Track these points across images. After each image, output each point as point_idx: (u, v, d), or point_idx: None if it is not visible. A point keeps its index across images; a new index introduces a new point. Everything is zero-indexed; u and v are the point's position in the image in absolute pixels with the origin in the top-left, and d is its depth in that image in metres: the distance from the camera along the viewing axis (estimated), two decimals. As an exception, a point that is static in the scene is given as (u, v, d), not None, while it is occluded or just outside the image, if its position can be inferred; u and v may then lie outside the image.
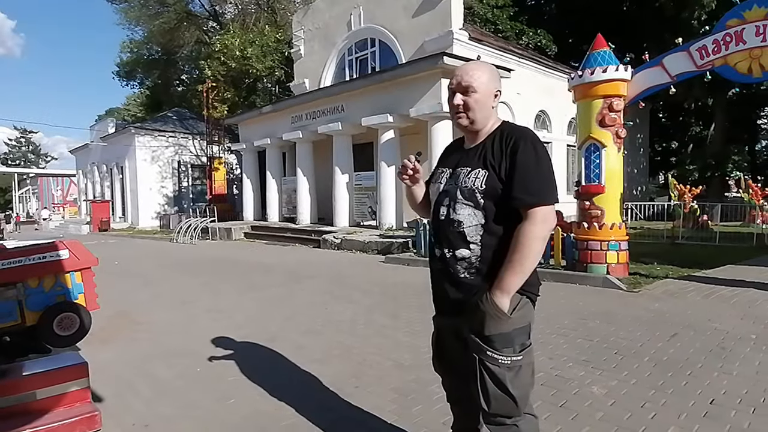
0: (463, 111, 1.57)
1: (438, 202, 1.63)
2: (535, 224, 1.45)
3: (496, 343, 1.50)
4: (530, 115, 15.37)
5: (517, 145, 1.50)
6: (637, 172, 21.01)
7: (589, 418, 2.55)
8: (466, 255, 1.54)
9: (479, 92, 1.55)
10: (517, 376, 1.51)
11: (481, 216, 1.52)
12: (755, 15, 5.44)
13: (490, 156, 1.53)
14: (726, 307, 4.84)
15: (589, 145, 6.32)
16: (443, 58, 10.20)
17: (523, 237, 1.46)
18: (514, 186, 1.47)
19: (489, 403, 1.51)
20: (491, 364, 1.49)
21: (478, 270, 1.53)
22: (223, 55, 18.98)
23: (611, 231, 6.19)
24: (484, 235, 1.52)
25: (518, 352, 1.52)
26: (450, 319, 1.66)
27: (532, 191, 1.46)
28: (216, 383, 3.19)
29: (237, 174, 21.73)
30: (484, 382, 1.50)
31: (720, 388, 2.87)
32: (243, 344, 4.01)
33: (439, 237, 1.61)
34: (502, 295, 1.47)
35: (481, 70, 1.58)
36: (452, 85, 1.59)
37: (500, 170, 1.50)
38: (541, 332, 4.12)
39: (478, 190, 1.52)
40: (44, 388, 2.39)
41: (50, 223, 25.28)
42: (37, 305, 3.45)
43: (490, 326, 1.50)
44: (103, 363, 3.53)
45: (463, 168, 1.59)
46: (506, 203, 1.49)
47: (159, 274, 8.24)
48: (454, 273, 1.56)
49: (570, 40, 22.68)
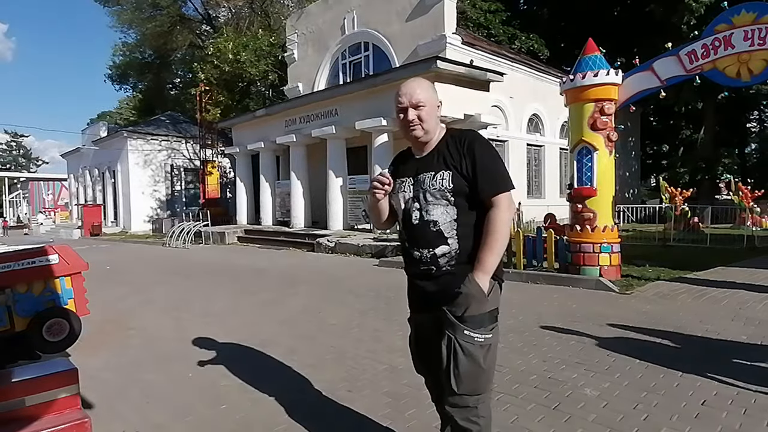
0: (418, 123, 1.73)
1: (407, 210, 1.76)
2: (502, 209, 1.66)
3: (472, 323, 1.63)
4: (523, 119, 15.48)
5: (473, 146, 1.70)
6: (629, 175, 21.20)
7: (582, 420, 2.56)
8: (446, 251, 1.69)
9: (428, 105, 1.73)
10: (488, 354, 1.66)
11: (454, 212, 1.69)
12: (743, 20, 5.52)
13: (449, 158, 1.71)
14: (717, 308, 4.88)
15: (581, 148, 6.37)
16: (436, 62, 10.24)
17: (494, 222, 1.65)
18: (479, 180, 1.66)
19: (459, 383, 1.62)
20: (466, 342, 1.62)
21: (458, 261, 1.69)
22: (217, 58, 18.95)
23: (603, 233, 6.23)
24: (459, 228, 1.69)
25: (489, 330, 1.66)
26: (430, 312, 1.73)
27: (495, 183, 1.67)
28: (208, 389, 3.16)
29: (230, 178, 21.63)
30: (457, 361, 1.61)
31: (711, 390, 2.89)
32: (235, 349, 3.99)
33: (416, 239, 1.73)
34: (483, 275, 1.63)
35: (423, 87, 1.76)
36: (402, 104, 1.74)
37: (462, 169, 1.68)
38: (534, 334, 4.14)
39: (447, 189, 1.68)
40: (33, 394, 2.35)
41: (41, 227, 25.01)
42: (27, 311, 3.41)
43: (470, 308, 1.63)
44: (93, 369, 3.49)
45: (426, 173, 1.74)
46: (473, 196, 1.68)
47: (151, 279, 8.18)
48: (436, 270, 1.70)
49: (562, 44, 22.89)
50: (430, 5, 13.04)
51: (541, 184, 16.48)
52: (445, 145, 1.76)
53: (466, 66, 11.17)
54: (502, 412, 2.69)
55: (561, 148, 16.48)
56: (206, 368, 3.55)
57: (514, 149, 15.05)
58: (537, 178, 16.42)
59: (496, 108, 13.70)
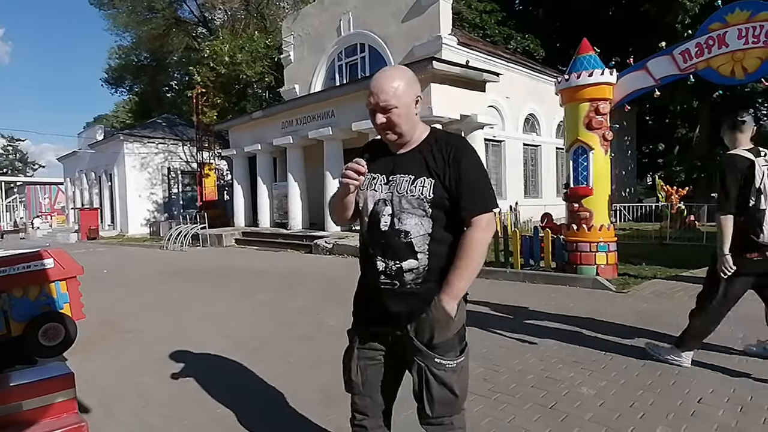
0: (388, 128, 1.52)
1: (376, 212, 1.55)
2: (481, 231, 1.49)
3: (442, 348, 1.52)
4: (519, 119, 15.52)
5: (460, 155, 1.51)
6: (625, 174, 21.26)
7: (579, 419, 2.57)
8: (413, 266, 1.50)
9: (400, 107, 1.50)
10: (460, 377, 1.56)
11: (429, 225, 1.50)
12: (737, 18, 5.54)
13: (432, 164, 1.51)
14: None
15: (576, 147, 6.39)
16: (432, 63, 10.26)
17: (470, 243, 1.48)
18: (462, 196, 1.48)
19: (434, 409, 1.54)
20: (438, 370, 1.51)
21: (425, 279, 1.51)
22: (213, 60, 18.93)
23: (600, 232, 6.24)
24: (431, 244, 1.50)
25: (460, 353, 1.56)
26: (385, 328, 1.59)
27: (478, 200, 1.50)
28: (205, 392, 3.15)
29: (227, 180, 21.60)
30: (430, 389, 1.52)
31: (708, 387, 2.91)
32: (233, 351, 3.98)
33: (383, 248, 1.52)
34: (451, 301, 1.48)
35: (395, 82, 1.50)
36: (370, 105, 1.52)
37: (445, 179, 1.49)
38: (531, 334, 4.15)
39: (426, 199, 1.49)
40: (30, 399, 2.35)
41: (38, 231, 24.92)
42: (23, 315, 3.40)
43: (437, 334, 1.50)
44: (89, 373, 3.48)
45: (404, 175, 1.53)
46: (452, 211, 1.50)
47: (148, 282, 8.16)
48: (400, 285, 1.51)
49: (557, 44, 22.96)
50: (425, 6, 13.06)
51: (537, 184, 16.52)
52: (428, 147, 1.55)
53: (462, 66, 11.19)
54: (500, 411, 2.70)
55: (557, 148, 16.52)
56: (203, 371, 3.54)
57: (511, 149, 15.08)
58: (534, 178, 16.45)
59: (492, 108, 13.73)
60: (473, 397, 2.89)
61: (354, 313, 1.72)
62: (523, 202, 14.05)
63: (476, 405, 2.78)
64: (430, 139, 1.58)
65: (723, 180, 2.90)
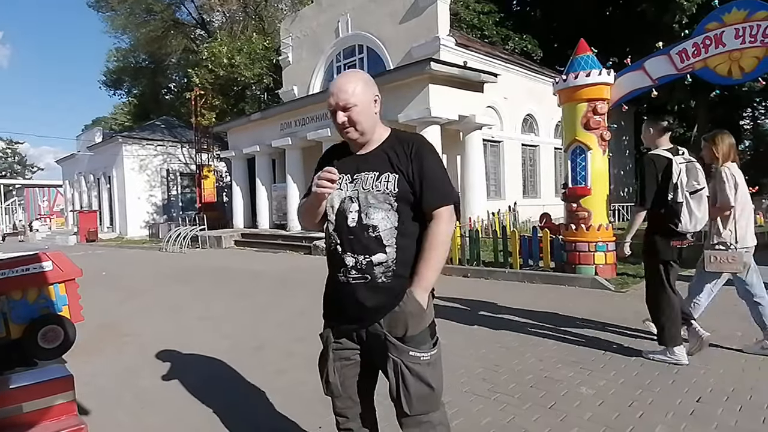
0: (349, 126, 1.59)
1: (343, 209, 1.59)
2: (444, 223, 1.55)
3: (416, 341, 1.54)
4: (517, 119, 15.53)
5: (422, 152, 1.58)
6: (623, 174, 21.30)
7: (578, 419, 2.57)
8: (383, 259, 1.54)
9: (359, 105, 1.56)
10: (435, 370, 1.57)
11: (395, 219, 1.55)
12: (734, 18, 5.55)
13: (395, 160, 1.58)
14: (712, 304, 4.88)
15: (574, 147, 6.40)
16: (430, 63, 10.27)
17: (435, 235, 1.54)
18: (424, 190, 1.54)
19: (411, 406, 1.54)
20: (413, 363, 1.53)
21: (395, 272, 1.55)
22: (211, 62, 18.94)
23: (598, 232, 6.25)
24: (398, 237, 1.55)
25: (433, 346, 1.58)
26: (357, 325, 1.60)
27: (439, 194, 1.56)
28: (204, 394, 3.15)
29: (226, 182, 21.59)
30: (406, 384, 1.52)
31: (707, 387, 2.91)
32: (232, 353, 3.98)
33: (351, 244, 1.56)
34: (422, 292, 1.53)
35: (354, 83, 1.58)
36: (331, 106, 1.59)
37: (408, 174, 1.56)
38: (530, 334, 4.15)
39: (391, 194, 1.55)
40: (30, 401, 2.35)
41: (37, 234, 24.87)
42: (22, 318, 3.38)
43: (411, 326, 1.53)
44: (89, 375, 3.48)
45: (368, 173, 1.59)
46: (416, 205, 1.56)
47: (147, 284, 8.15)
48: (371, 279, 1.54)
49: (555, 44, 22.99)
50: (423, 7, 13.09)
51: (536, 184, 16.54)
52: (391, 145, 1.61)
53: (460, 67, 11.21)
54: (499, 411, 2.70)
55: (555, 148, 16.54)
56: (203, 373, 3.54)
57: (509, 149, 15.09)
58: (532, 178, 16.47)
59: (490, 109, 13.74)
60: (473, 397, 2.89)
61: (324, 315, 1.72)
62: (521, 203, 14.07)
63: (476, 405, 2.78)
64: (392, 138, 1.65)
65: (643, 178, 3.24)
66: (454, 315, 4.86)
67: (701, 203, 3.15)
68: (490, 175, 14.15)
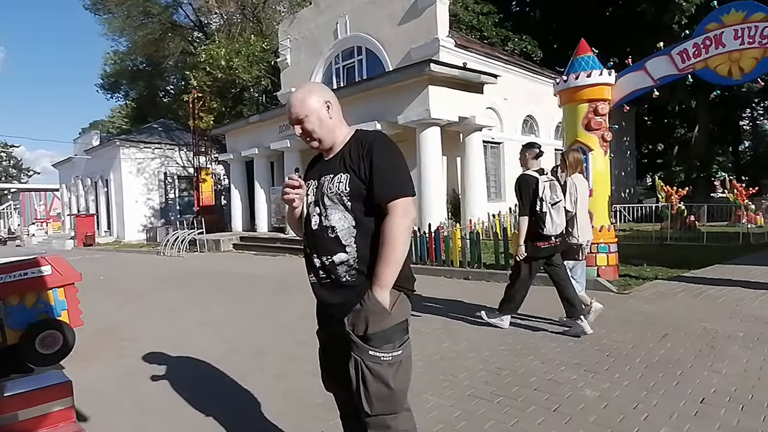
0: (306, 136, 1.68)
1: (309, 213, 1.68)
2: (398, 216, 1.54)
3: (377, 341, 1.55)
4: (518, 120, 15.53)
5: (372, 148, 1.60)
6: (625, 175, 21.29)
7: (583, 421, 2.54)
8: (344, 258, 1.59)
9: (311, 114, 1.64)
10: (398, 372, 1.57)
11: (351, 218, 1.59)
12: (733, 19, 5.56)
13: (349, 161, 1.63)
14: (714, 306, 4.89)
15: (576, 148, 6.37)
16: (430, 65, 10.26)
17: (389, 230, 1.54)
18: (374, 183, 1.56)
19: (372, 405, 1.55)
20: (373, 363, 1.54)
21: (358, 270, 1.59)
22: (209, 65, 18.90)
23: (600, 233, 6.22)
24: (357, 236, 1.59)
25: (398, 347, 1.58)
26: (334, 326, 1.65)
27: (390, 186, 1.56)
28: (205, 398, 3.12)
29: (225, 185, 21.55)
30: (366, 383, 1.54)
31: (710, 387, 2.90)
32: (233, 357, 3.95)
33: (316, 246, 1.64)
34: (381, 290, 1.54)
35: (302, 94, 1.66)
36: (288, 121, 1.70)
37: (360, 172, 1.59)
38: (533, 336, 4.13)
39: (344, 194, 1.59)
40: (26, 408, 2.31)
41: (33, 238, 24.79)
42: (19, 323, 3.36)
43: (372, 324, 1.54)
44: (87, 381, 3.44)
45: (326, 176, 1.66)
46: (371, 201, 1.58)
47: (146, 288, 8.11)
48: (336, 278, 1.61)
49: (555, 45, 23.03)
50: (422, 9, 13.08)
51: (536, 185, 16.51)
52: (348, 147, 1.67)
53: (459, 68, 11.19)
54: (503, 414, 2.67)
55: (556, 149, 16.53)
56: (203, 378, 3.51)
57: (510, 151, 15.04)
58: (532, 179, 16.45)
59: (490, 110, 13.72)
60: (476, 400, 2.86)
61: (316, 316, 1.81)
62: (521, 204, 14.03)
63: (479, 408, 2.76)
64: (352, 140, 1.69)
65: (521, 192, 4.05)
66: (456, 317, 4.83)
67: (560, 212, 4.02)
68: (490, 176, 14.13)
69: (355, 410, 1.66)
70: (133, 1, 23.58)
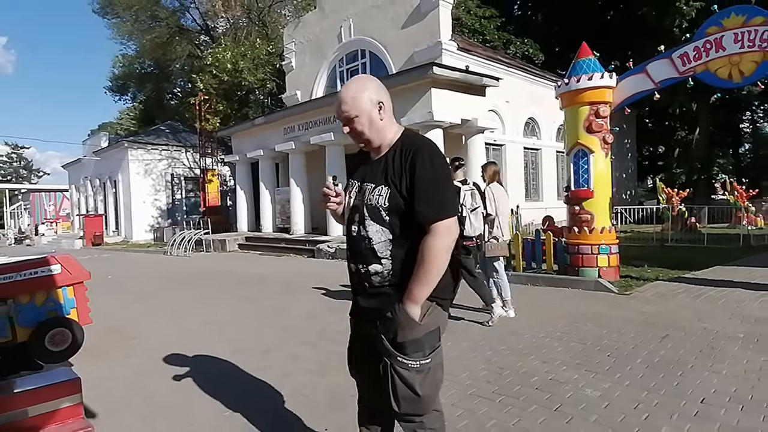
0: (354, 136, 1.63)
1: (350, 219, 1.67)
2: (439, 237, 1.50)
3: (407, 348, 1.55)
4: (519, 123, 15.56)
5: (415, 159, 1.53)
6: (626, 177, 21.25)
7: (584, 421, 2.58)
8: (378, 270, 1.58)
9: (361, 115, 1.59)
10: (426, 378, 1.57)
11: (389, 232, 1.56)
12: (733, 23, 5.59)
13: (391, 172, 1.57)
14: (715, 307, 4.90)
15: (577, 151, 6.41)
16: (433, 68, 10.31)
17: (428, 251, 1.49)
18: (415, 202, 1.51)
19: (399, 405, 1.57)
20: (401, 369, 1.55)
21: (391, 282, 1.58)
22: (215, 68, 19.03)
23: (601, 235, 6.26)
24: (393, 249, 1.56)
25: (427, 355, 1.57)
26: (363, 325, 1.69)
27: (432, 207, 1.50)
28: (212, 396, 3.17)
29: (230, 186, 21.66)
30: (394, 385, 1.56)
31: (710, 387, 2.92)
32: (239, 356, 4.00)
33: (354, 251, 1.65)
34: (411, 306, 1.52)
35: (355, 91, 1.60)
36: (337, 116, 1.65)
37: (401, 186, 1.54)
38: (534, 336, 4.16)
39: (382, 208, 1.55)
40: (36, 405, 2.36)
41: (42, 238, 24.99)
42: (29, 321, 3.41)
43: (402, 333, 1.55)
44: (96, 378, 3.50)
45: (369, 183, 1.62)
46: (411, 217, 1.53)
47: (153, 288, 8.18)
48: (369, 286, 1.61)
49: (556, 48, 23.05)
50: (425, 12, 13.15)
51: (538, 187, 16.54)
52: (393, 153, 1.61)
53: (462, 71, 11.24)
54: (504, 414, 2.71)
55: (558, 151, 16.55)
56: (209, 376, 3.56)
57: (511, 153, 15.11)
58: (534, 181, 16.47)
59: (492, 112, 13.77)
60: (478, 399, 2.90)
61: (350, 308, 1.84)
62: (524, 206, 14.02)
63: (481, 407, 2.79)
64: (397, 143, 1.63)
65: None
66: (458, 318, 4.86)
67: (477, 217, 4.59)
68: (492, 178, 14.14)
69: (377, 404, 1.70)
70: (141, 6, 23.79)
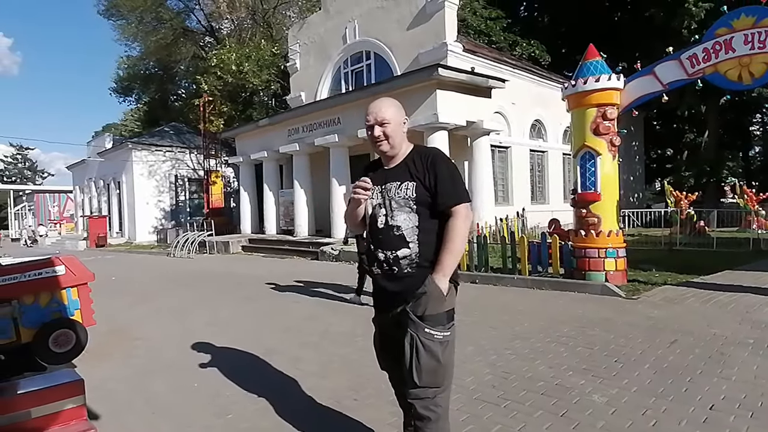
0: (383, 139, 1.93)
1: (375, 214, 1.96)
2: (460, 218, 1.86)
3: (431, 321, 1.80)
4: (525, 125, 15.50)
5: (436, 162, 1.91)
6: (633, 180, 21.13)
7: (590, 427, 2.54)
8: (407, 253, 1.87)
9: (392, 123, 1.92)
10: (446, 349, 1.82)
11: (416, 219, 1.88)
12: (743, 24, 5.53)
13: (414, 171, 1.91)
14: (724, 312, 4.84)
15: (584, 153, 6.36)
16: (438, 69, 10.29)
17: (453, 228, 1.84)
18: (439, 192, 1.86)
19: (420, 376, 1.78)
20: (427, 339, 1.78)
21: (419, 264, 1.87)
22: (220, 69, 19.09)
23: (608, 238, 6.20)
24: (419, 234, 1.87)
25: (447, 329, 1.83)
26: (392, 310, 1.90)
27: (453, 194, 1.87)
28: (214, 398, 3.16)
29: (234, 187, 21.73)
30: (418, 356, 1.78)
31: (719, 394, 2.87)
32: (241, 358, 3.98)
33: (381, 242, 1.92)
34: (443, 277, 1.82)
35: (388, 105, 1.95)
36: (369, 121, 1.94)
37: (425, 181, 1.88)
38: (540, 341, 4.11)
39: (411, 198, 1.88)
40: (39, 406, 2.35)
41: (46, 239, 25.15)
42: (33, 322, 3.42)
43: (429, 307, 1.80)
44: (99, 380, 3.49)
45: (393, 183, 1.93)
46: (433, 206, 1.87)
47: (156, 289, 8.19)
48: (398, 270, 1.88)
49: (563, 50, 22.98)
50: (430, 13, 13.14)
51: (544, 190, 16.46)
52: (411, 159, 1.95)
53: (467, 73, 11.21)
54: (510, 419, 2.67)
55: (564, 154, 16.46)
56: (212, 378, 3.54)
57: (517, 155, 15.05)
58: (540, 184, 16.40)
59: (498, 114, 13.72)
60: (483, 404, 2.87)
61: (373, 304, 2.09)
62: (530, 208, 13.99)
63: (486, 412, 2.76)
64: (413, 153, 1.98)
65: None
66: (462, 321, 4.82)
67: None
68: (498, 180, 14.10)
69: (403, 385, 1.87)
70: (145, 7, 23.93)
